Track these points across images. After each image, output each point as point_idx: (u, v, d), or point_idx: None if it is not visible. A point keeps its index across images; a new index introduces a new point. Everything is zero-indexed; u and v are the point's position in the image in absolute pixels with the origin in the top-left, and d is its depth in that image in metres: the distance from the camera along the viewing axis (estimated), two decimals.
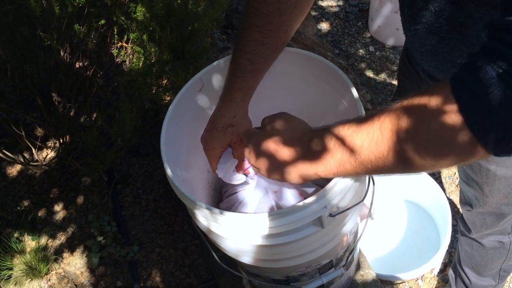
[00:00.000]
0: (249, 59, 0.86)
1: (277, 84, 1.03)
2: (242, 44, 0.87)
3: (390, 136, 0.58)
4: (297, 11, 0.86)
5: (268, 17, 0.84)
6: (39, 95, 1.49)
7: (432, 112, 0.52)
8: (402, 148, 0.57)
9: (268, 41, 0.86)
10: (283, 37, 0.88)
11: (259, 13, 0.84)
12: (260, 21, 0.84)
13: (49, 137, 1.77)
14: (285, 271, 0.98)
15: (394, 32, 2.50)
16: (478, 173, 1.10)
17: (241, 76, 0.87)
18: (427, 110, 0.53)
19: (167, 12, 1.24)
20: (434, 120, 0.52)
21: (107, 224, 1.61)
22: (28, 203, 1.70)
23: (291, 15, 0.85)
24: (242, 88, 0.88)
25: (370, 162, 0.61)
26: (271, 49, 0.88)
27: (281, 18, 0.84)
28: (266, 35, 0.85)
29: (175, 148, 0.93)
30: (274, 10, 0.83)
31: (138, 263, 1.57)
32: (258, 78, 0.90)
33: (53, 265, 1.57)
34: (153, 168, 1.79)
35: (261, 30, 0.85)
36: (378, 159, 0.60)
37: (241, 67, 0.87)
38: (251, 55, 0.86)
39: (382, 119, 0.59)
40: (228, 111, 0.89)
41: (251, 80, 0.88)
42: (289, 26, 0.87)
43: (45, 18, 1.29)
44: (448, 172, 2.07)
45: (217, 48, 1.89)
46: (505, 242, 1.33)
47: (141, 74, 1.25)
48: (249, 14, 0.85)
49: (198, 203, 0.78)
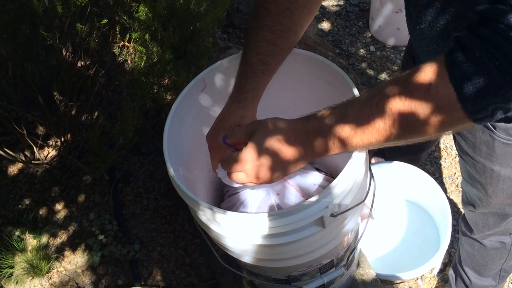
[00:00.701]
0: (261, 60, 0.86)
1: (279, 84, 1.03)
2: (253, 45, 0.86)
3: (389, 134, 0.64)
4: (306, 11, 0.86)
5: (278, 17, 0.84)
6: (41, 93, 1.50)
7: (430, 92, 0.60)
8: (422, 129, 0.62)
9: (280, 42, 0.86)
10: (293, 37, 0.88)
11: (269, 13, 0.84)
12: (271, 21, 0.84)
13: (51, 135, 1.78)
14: (286, 270, 0.98)
15: (395, 32, 2.50)
16: (482, 173, 1.10)
17: (252, 77, 0.87)
18: (427, 89, 0.60)
19: (169, 11, 1.24)
20: (431, 100, 0.59)
21: (108, 223, 1.61)
22: (30, 201, 1.70)
23: (301, 15, 0.86)
24: (253, 89, 0.88)
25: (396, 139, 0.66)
26: (283, 50, 0.88)
27: (291, 18, 0.85)
28: (277, 36, 0.85)
29: (177, 148, 0.94)
30: (284, 10, 0.83)
31: (139, 262, 1.58)
32: (269, 78, 0.90)
33: (54, 264, 1.58)
34: (154, 167, 1.79)
35: (273, 31, 0.85)
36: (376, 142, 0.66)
37: (253, 67, 0.87)
38: (263, 56, 0.86)
39: (382, 118, 0.63)
40: (237, 111, 0.89)
41: (262, 81, 0.89)
42: (299, 26, 0.88)
43: (47, 17, 1.30)
44: (448, 172, 2.08)
45: (218, 47, 1.89)
46: (507, 242, 1.33)
47: (143, 74, 1.25)
48: (259, 14, 0.85)
49: (200, 203, 0.79)
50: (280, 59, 0.90)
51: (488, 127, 0.99)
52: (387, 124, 0.64)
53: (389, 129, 0.64)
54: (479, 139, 1.04)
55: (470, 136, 1.07)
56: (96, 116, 1.62)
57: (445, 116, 0.60)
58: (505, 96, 0.56)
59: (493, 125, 0.98)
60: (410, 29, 1.03)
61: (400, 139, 0.66)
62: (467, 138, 1.08)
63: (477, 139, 1.05)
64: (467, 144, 1.10)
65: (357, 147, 0.69)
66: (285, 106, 1.11)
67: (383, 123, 0.64)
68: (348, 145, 0.68)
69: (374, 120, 0.65)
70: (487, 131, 1.00)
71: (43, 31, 1.24)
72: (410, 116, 0.62)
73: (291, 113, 1.11)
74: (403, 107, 0.62)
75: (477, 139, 1.05)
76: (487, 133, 1.01)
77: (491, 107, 0.58)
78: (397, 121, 0.63)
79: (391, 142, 0.67)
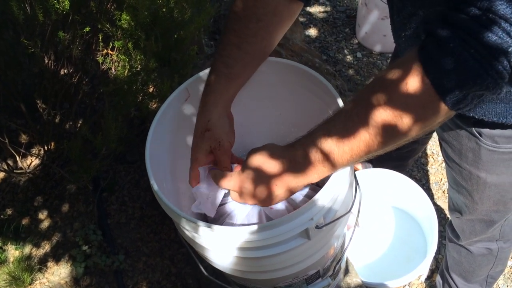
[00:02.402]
0: (224, 62, 0.86)
1: (263, 94, 1.02)
2: (219, 48, 0.87)
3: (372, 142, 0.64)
4: (276, 19, 0.86)
5: (245, 21, 0.84)
6: (23, 101, 1.47)
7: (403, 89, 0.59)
8: (406, 127, 0.62)
9: (244, 46, 0.86)
10: (260, 43, 0.87)
11: (237, 17, 0.85)
12: (238, 25, 0.85)
13: (34, 144, 1.75)
14: (272, 282, 0.97)
15: (381, 39, 2.51)
16: (468, 180, 1.11)
17: (214, 79, 0.87)
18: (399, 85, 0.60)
19: (152, 20, 1.23)
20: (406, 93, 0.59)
21: (93, 233, 1.58)
22: (12, 211, 1.67)
23: (269, 22, 0.85)
24: (214, 91, 0.87)
25: (381, 147, 0.66)
26: (249, 55, 0.87)
27: (258, 24, 0.84)
28: (242, 39, 0.85)
29: (161, 159, 0.92)
30: (251, 14, 0.84)
31: (124, 273, 1.55)
32: (234, 83, 0.89)
33: (37, 275, 1.55)
34: (140, 175, 1.77)
35: (238, 34, 0.85)
36: (387, 142, 0.65)
37: (216, 70, 0.87)
38: (226, 58, 0.86)
39: (365, 128, 0.63)
40: (202, 116, 0.88)
41: (224, 84, 0.87)
42: (268, 33, 0.87)
43: (29, 25, 1.27)
44: (435, 178, 2.08)
45: (204, 54, 1.88)
46: (493, 249, 1.34)
47: (126, 82, 1.24)
48: (229, 18, 0.86)
49: (183, 216, 0.77)
50: (247, 65, 0.89)
51: (474, 134, 0.99)
52: (372, 134, 0.63)
53: (374, 138, 0.64)
54: (465, 146, 1.04)
55: (456, 143, 1.07)
56: (79, 125, 1.59)
57: (427, 111, 0.60)
58: (483, 84, 0.56)
59: (479, 132, 0.98)
60: (394, 36, 1.03)
61: (387, 145, 0.66)
62: (453, 145, 1.08)
63: (463, 146, 1.05)
64: (453, 151, 1.10)
65: (344, 162, 0.68)
66: (271, 116, 1.10)
67: (368, 134, 0.64)
68: (337, 162, 0.68)
69: (359, 132, 0.64)
70: (473, 138, 1.01)
71: (24, 39, 1.22)
72: (393, 120, 0.61)
73: (277, 123, 1.11)
74: (384, 112, 0.61)
75: (463, 146, 1.05)
76: (473, 140, 1.01)
77: (470, 96, 0.57)
78: (380, 128, 0.62)
79: (380, 150, 0.66)
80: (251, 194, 0.75)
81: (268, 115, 1.09)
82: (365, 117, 0.63)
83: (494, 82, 0.56)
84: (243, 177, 0.75)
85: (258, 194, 0.74)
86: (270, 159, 0.73)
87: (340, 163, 0.68)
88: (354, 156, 0.67)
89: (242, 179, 0.75)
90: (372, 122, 0.63)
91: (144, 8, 1.18)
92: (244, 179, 0.75)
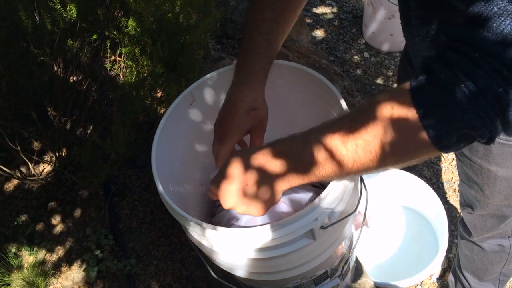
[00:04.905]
0: (266, 39, 0.85)
1: (268, 96, 1.03)
2: (257, 25, 0.85)
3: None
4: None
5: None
6: (35, 109, 1.50)
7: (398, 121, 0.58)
8: (385, 155, 0.61)
9: (281, 18, 0.86)
10: (292, 15, 0.88)
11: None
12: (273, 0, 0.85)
13: (46, 151, 1.77)
14: (280, 283, 0.98)
15: (388, 38, 2.51)
16: (479, 174, 1.10)
17: (260, 57, 0.85)
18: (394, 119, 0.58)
19: (158, 25, 1.24)
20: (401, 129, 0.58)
21: (104, 238, 1.60)
22: (26, 217, 1.70)
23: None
24: (262, 69, 0.86)
25: (356, 170, 0.64)
26: (284, 28, 0.88)
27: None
28: (279, 13, 0.85)
29: (167, 163, 0.93)
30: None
31: (136, 276, 1.57)
32: (272, 60, 0.89)
33: (51, 280, 1.57)
34: (150, 179, 1.79)
35: (275, 9, 0.85)
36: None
37: (260, 47, 0.85)
38: (267, 36, 0.85)
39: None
40: (250, 94, 0.86)
41: (268, 62, 0.87)
42: (296, 5, 0.88)
43: (38, 34, 1.30)
44: (445, 176, 2.07)
45: (211, 58, 1.89)
46: (506, 245, 1.33)
47: (134, 88, 1.26)
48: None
49: (189, 219, 0.79)
50: (281, 39, 0.89)
51: None
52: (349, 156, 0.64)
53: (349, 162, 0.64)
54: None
55: None
56: (90, 131, 1.62)
57: (410, 142, 0.58)
58: (469, 121, 0.54)
59: None
60: (404, 33, 1.04)
61: (360, 173, 0.66)
62: None
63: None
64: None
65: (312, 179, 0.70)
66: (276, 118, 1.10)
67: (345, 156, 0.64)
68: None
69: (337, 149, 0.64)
70: None
71: (33, 48, 1.24)
72: (370, 145, 0.60)
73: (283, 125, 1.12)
74: (370, 137, 0.60)
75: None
76: None
77: (455, 133, 0.56)
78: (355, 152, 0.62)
79: (354, 173, 0.66)
80: (250, 200, 0.74)
81: (273, 117, 1.10)
82: (345, 137, 0.63)
83: (482, 122, 0.54)
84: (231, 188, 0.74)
85: (261, 195, 0.74)
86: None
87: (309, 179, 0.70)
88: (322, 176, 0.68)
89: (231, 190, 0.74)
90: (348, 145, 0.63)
91: (150, 14, 1.20)
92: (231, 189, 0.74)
